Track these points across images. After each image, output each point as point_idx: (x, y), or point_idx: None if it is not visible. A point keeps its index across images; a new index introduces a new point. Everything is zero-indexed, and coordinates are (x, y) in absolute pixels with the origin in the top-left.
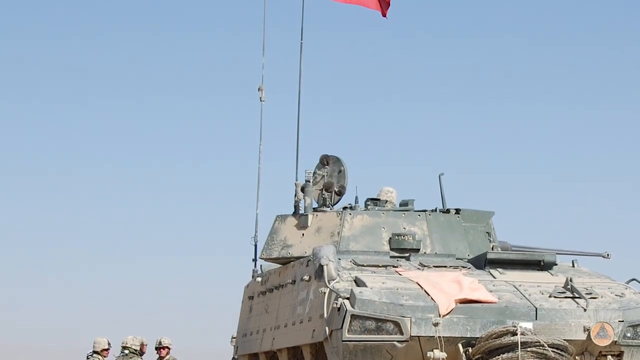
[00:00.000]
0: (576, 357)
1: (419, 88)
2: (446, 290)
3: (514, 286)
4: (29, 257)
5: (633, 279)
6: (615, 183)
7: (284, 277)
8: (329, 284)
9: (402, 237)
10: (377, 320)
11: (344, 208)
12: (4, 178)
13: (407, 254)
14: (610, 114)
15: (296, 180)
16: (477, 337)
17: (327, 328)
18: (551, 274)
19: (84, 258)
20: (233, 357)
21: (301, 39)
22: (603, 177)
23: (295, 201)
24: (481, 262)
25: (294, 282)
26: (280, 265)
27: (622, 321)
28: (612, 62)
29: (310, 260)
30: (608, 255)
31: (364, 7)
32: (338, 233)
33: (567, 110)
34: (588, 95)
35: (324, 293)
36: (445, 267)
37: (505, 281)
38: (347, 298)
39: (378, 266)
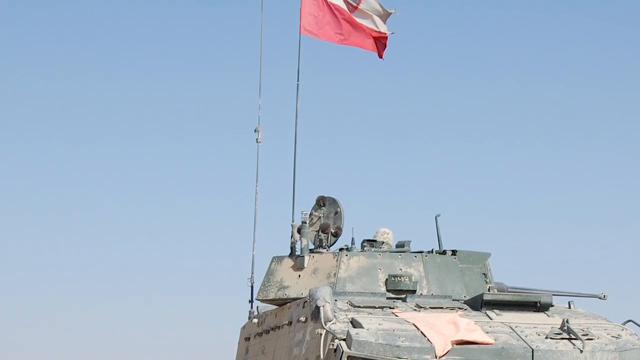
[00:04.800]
0: None
1: (416, 129)
2: (443, 332)
3: (511, 327)
4: (20, 298)
5: (629, 320)
6: (611, 225)
7: (281, 318)
8: (326, 325)
9: (399, 279)
10: None
11: (341, 249)
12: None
13: (403, 295)
14: (606, 155)
15: (292, 221)
16: None
17: None
18: (548, 315)
19: (77, 298)
20: None
21: (297, 80)
22: (599, 219)
23: (292, 242)
24: (477, 304)
25: (290, 323)
26: (276, 307)
27: None
28: (606, 104)
29: (306, 301)
30: (604, 296)
31: (361, 48)
32: (334, 274)
33: (563, 152)
34: (583, 137)
35: (321, 334)
36: (442, 308)
37: (502, 322)
38: (344, 339)
39: (374, 307)
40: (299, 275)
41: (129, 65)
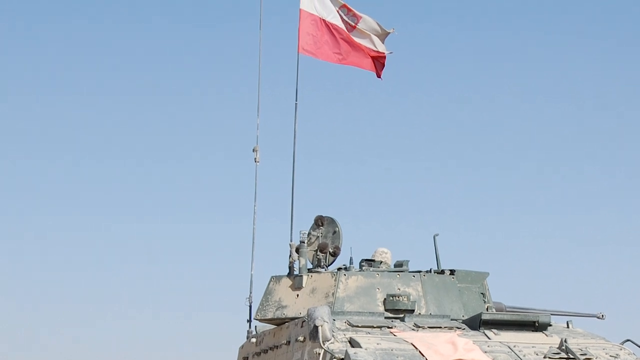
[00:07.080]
0: None
1: (414, 149)
2: (441, 351)
3: (509, 347)
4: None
5: (627, 340)
6: (610, 244)
7: (279, 337)
8: (324, 344)
9: (397, 298)
10: None
11: (339, 269)
12: None
13: (401, 315)
14: (604, 176)
15: (291, 241)
16: None
17: None
18: (546, 334)
19: (75, 317)
20: None
21: (296, 100)
22: (598, 238)
23: (290, 262)
24: (476, 323)
25: (288, 342)
26: (274, 326)
27: None
28: (605, 125)
29: (304, 321)
30: (603, 316)
31: (359, 68)
32: (333, 294)
33: (560, 173)
34: (580, 157)
35: (319, 354)
36: (440, 328)
37: (500, 342)
38: (342, 359)
39: (373, 327)
40: (297, 295)
41: (127, 84)
